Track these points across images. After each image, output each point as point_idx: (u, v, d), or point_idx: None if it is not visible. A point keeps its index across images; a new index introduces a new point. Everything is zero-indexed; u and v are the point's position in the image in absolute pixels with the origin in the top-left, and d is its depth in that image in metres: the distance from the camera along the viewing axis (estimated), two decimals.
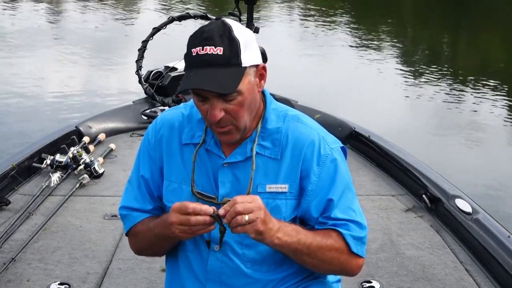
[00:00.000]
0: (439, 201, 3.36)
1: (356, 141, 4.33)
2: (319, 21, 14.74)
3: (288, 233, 1.54)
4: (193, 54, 1.50)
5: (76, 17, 14.01)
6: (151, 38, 4.74)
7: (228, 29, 1.50)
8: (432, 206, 3.40)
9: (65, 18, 14.19)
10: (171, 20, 4.73)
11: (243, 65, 1.50)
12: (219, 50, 1.48)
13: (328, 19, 14.91)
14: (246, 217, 1.44)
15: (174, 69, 4.98)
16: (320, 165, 1.61)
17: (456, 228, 3.17)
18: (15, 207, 3.31)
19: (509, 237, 2.88)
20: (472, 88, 9.24)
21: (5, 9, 14.32)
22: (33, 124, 6.68)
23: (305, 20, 15.15)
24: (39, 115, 7.10)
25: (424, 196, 3.45)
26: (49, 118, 6.87)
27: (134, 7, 15.94)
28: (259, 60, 1.56)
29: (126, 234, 1.77)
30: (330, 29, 13.73)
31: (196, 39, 1.51)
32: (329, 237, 1.59)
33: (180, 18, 4.74)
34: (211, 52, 1.48)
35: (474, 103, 8.49)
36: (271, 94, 1.73)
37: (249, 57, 1.52)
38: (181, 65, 5.02)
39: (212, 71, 1.48)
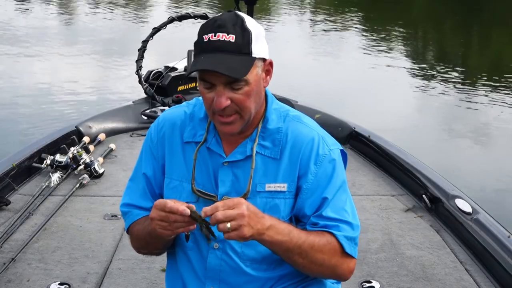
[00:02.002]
0: (439, 201, 3.36)
1: (356, 141, 4.34)
2: (329, 21, 14.72)
3: (279, 231, 1.53)
4: (205, 40, 1.50)
5: (86, 18, 14.05)
6: (151, 38, 4.76)
7: (241, 20, 1.53)
8: (432, 206, 3.40)
9: (75, 19, 14.22)
10: (171, 20, 4.75)
11: (253, 55, 1.52)
12: (231, 38, 1.49)
13: (339, 20, 14.89)
14: (228, 225, 1.44)
15: (174, 69, 4.99)
16: (317, 165, 1.62)
17: (456, 228, 3.17)
18: (15, 207, 3.31)
19: (509, 237, 2.88)
20: (484, 89, 9.20)
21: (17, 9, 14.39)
22: (41, 122, 6.68)
23: (315, 20, 15.14)
24: (47, 113, 7.11)
25: (424, 196, 3.45)
26: (56, 117, 6.87)
27: (145, 9, 15.93)
28: (267, 55, 1.58)
29: (127, 232, 1.78)
30: (341, 30, 13.71)
31: (208, 27, 1.52)
32: (322, 238, 1.58)
33: (180, 18, 4.75)
34: (223, 39, 1.49)
35: (486, 103, 8.46)
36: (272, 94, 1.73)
37: (259, 49, 1.53)
38: (181, 65, 5.03)
39: (222, 56, 1.48)
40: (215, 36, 1.49)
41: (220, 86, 1.51)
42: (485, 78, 9.93)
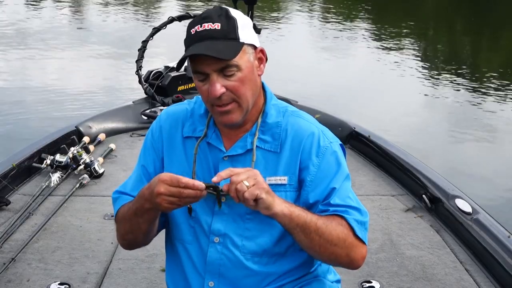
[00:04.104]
0: (439, 201, 3.36)
1: (356, 141, 4.34)
2: (339, 22, 14.69)
3: (295, 205, 1.55)
4: (192, 33, 1.55)
5: (96, 17, 14.07)
6: (151, 38, 4.76)
7: (225, 10, 1.57)
8: (432, 206, 3.40)
9: (83, 18, 14.26)
10: (171, 20, 4.75)
11: (240, 40, 1.54)
12: (216, 26, 1.53)
13: (348, 20, 14.87)
14: (246, 183, 1.45)
15: (174, 69, 4.99)
16: (319, 157, 1.63)
17: (456, 228, 3.17)
18: (15, 207, 3.31)
19: (509, 237, 2.88)
20: (494, 90, 9.16)
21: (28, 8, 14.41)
22: (44, 121, 6.68)
23: (323, 20, 15.12)
24: (49, 113, 7.11)
25: (424, 196, 3.45)
26: (58, 117, 6.86)
27: (155, 10, 15.92)
28: (257, 43, 1.60)
29: (115, 220, 1.75)
30: (350, 30, 13.68)
31: (195, 21, 1.57)
32: (333, 220, 1.59)
33: (180, 18, 4.76)
34: (209, 28, 1.53)
35: (496, 104, 8.43)
36: None
37: (246, 35, 1.56)
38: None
39: (210, 42, 1.52)
40: (201, 27, 1.53)
41: (213, 75, 1.53)
42: (495, 78, 9.88)
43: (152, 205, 1.54)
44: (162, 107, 4.68)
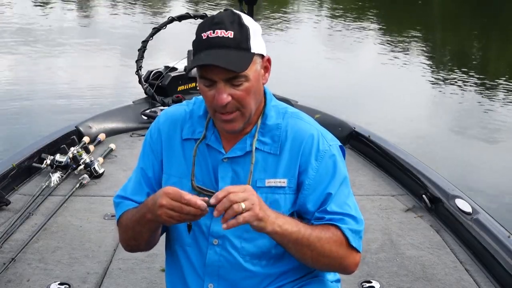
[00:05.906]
0: (439, 201, 3.36)
1: (356, 141, 4.34)
2: (346, 24, 14.68)
3: (288, 222, 1.54)
4: (204, 38, 1.52)
5: (101, 18, 14.08)
6: (151, 38, 4.77)
7: (238, 17, 1.54)
8: (432, 206, 3.40)
9: (89, 18, 14.26)
10: (170, 20, 4.76)
11: (252, 51, 1.53)
12: (229, 34, 1.50)
13: (355, 23, 14.86)
14: (243, 205, 1.44)
15: (174, 69, 5.00)
16: (318, 160, 1.63)
17: (456, 228, 3.17)
18: (15, 207, 3.31)
19: (509, 237, 2.88)
20: (500, 91, 9.14)
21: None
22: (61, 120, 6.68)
23: (331, 22, 15.10)
24: (50, 113, 7.11)
25: (424, 196, 3.45)
26: (59, 116, 6.86)
27: (162, 10, 15.91)
28: (264, 52, 1.59)
29: (117, 223, 1.76)
30: (355, 30, 13.66)
31: (206, 25, 1.54)
32: (328, 230, 1.59)
33: (180, 18, 4.76)
34: (222, 35, 1.50)
35: (502, 105, 8.42)
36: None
37: (257, 45, 1.55)
38: (181, 65, 5.04)
39: (222, 51, 1.50)
40: (213, 33, 1.51)
41: (220, 83, 1.52)
42: (503, 80, 9.84)
43: (153, 216, 1.53)
44: (162, 107, 4.68)
